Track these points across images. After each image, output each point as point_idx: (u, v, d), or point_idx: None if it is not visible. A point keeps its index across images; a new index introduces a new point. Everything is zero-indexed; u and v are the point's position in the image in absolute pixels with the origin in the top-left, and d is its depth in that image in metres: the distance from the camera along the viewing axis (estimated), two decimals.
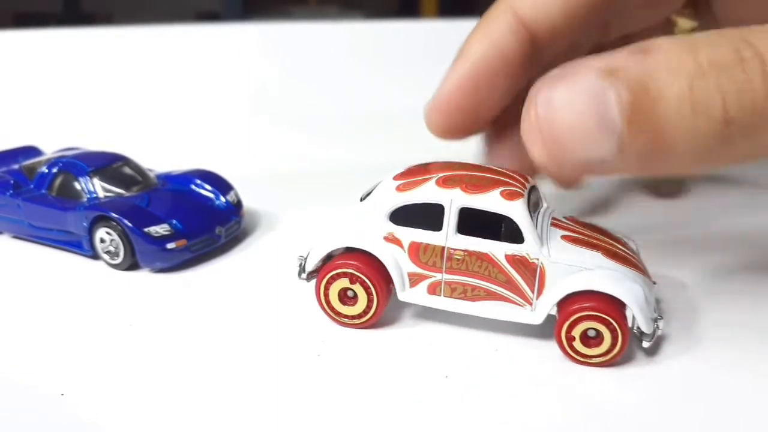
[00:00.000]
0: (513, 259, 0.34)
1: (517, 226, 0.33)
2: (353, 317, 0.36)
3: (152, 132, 0.74)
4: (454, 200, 0.34)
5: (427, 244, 0.35)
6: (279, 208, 0.53)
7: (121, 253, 0.42)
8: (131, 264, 0.43)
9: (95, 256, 0.44)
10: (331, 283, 0.36)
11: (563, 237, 0.35)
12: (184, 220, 0.44)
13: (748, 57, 0.27)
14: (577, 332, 0.33)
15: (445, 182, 0.34)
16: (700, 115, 0.27)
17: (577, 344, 0.33)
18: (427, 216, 0.35)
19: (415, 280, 0.36)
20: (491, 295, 0.35)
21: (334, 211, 0.37)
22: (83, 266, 0.44)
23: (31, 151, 0.54)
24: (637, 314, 0.32)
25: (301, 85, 0.88)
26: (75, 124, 0.74)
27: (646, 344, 0.33)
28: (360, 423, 0.29)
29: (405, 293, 0.36)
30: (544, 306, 0.34)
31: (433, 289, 0.35)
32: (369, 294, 0.36)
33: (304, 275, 0.38)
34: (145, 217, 0.43)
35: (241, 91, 0.87)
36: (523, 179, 0.36)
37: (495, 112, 0.39)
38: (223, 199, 0.47)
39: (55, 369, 0.33)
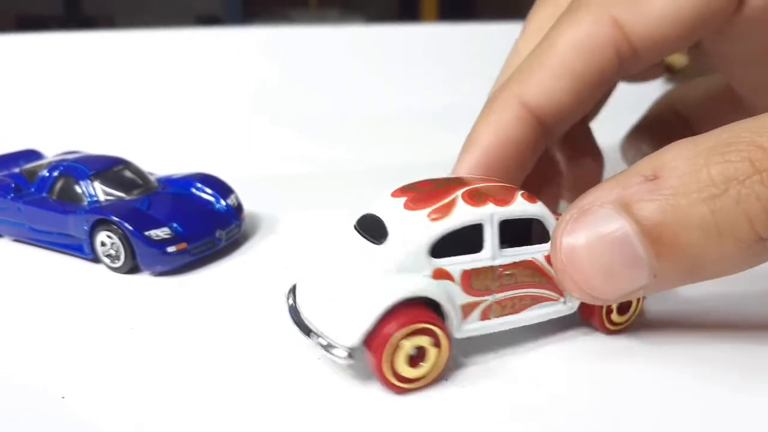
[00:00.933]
0: (548, 258, 0.33)
1: (544, 225, 0.33)
2: (420, 379, 0.31)
3: (153, 135, 0.75)
4: (493, 215, 0.32)
5: (479, 269, 0.32)
6: (279, 211, 0.53)
7: (122, 257, 0.42)
8: (132, 267, 0.43)
9: (96, 259, 0.44)
10: (399, 348, 0.30)
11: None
12: (185, 223, 0.44)
13: (766, 168, 0.26)
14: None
15: (471, 198, 0.32)
16: (727, 239, 0.27)
17: (614, 315, 0.34)
18: (464, 239, 0.32)
19: (467, 311, 0.32)
20: (535, 300, 0.33)
21: (334, 213, 0.36)
22: (84, 269, 0.44)
23: (32, 155, 0.54)
24: None
25: (301, 88, 0.89)
26: (76, 128, 0.74)
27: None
28: (360, 424, 0.29)
29: (461, 330, 0.32)
30: None
31: (486, 314, 0.33)
32: (438, 346, 0.31)
33: (342, 355, 0.30)
34: (146, 221, 0.43)
35: (242, 95, 0.87)
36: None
37: None
38: (223, 202, 0.47)
39: (55, 372, 0.33)
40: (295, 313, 0.33)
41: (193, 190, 0.48)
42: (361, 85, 0.88)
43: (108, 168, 0.47)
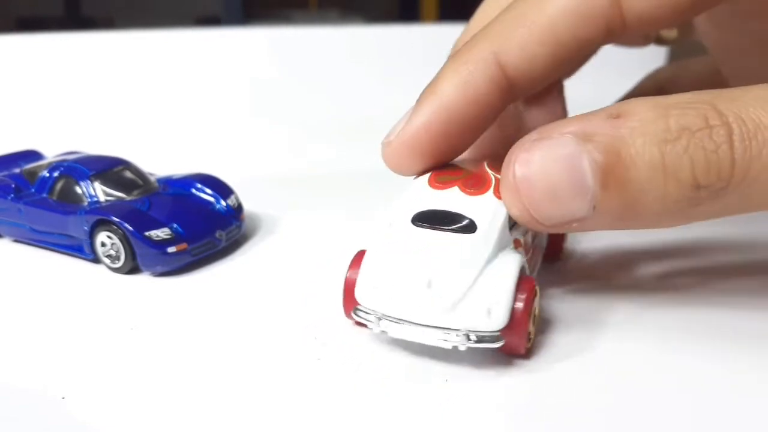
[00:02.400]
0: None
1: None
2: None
3: (153, 136, 0.75)
4: None
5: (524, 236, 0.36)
6: (280, 212, 0.53)
7: (122, 257, 0.42)
8: (132, 268, 0.43)
9: (96, 259, 0.44)
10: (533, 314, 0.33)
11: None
12: (185, 224, 0.44)
13: (716, 125, 0.28)
14: None
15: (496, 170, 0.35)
16: (671, 180, 0.29)
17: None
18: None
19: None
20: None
21: (334, 213, 0.36)
22: (84, 270, 0.44)
23: (32, 155, 0.54)
24: None
25: (301, 89, 0.89)
26: (76, 128, 0.74)
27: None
28: (360, 427, 0.29)
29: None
30: None
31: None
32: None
33: (498, 339, 0.31)
34: (146, 221, 0.43)
35: (242, 95, 0.87)
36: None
37: (459, 154, 0.37)
38: (223, 203, 0.48)
39: (55, 372, 0.33)
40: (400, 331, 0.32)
41: (193, 191, 0.48)
42: (362, 86, 0.88)
43: (108, 168, 0.47)
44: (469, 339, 0.31)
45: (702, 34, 0.44)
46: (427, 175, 0.36)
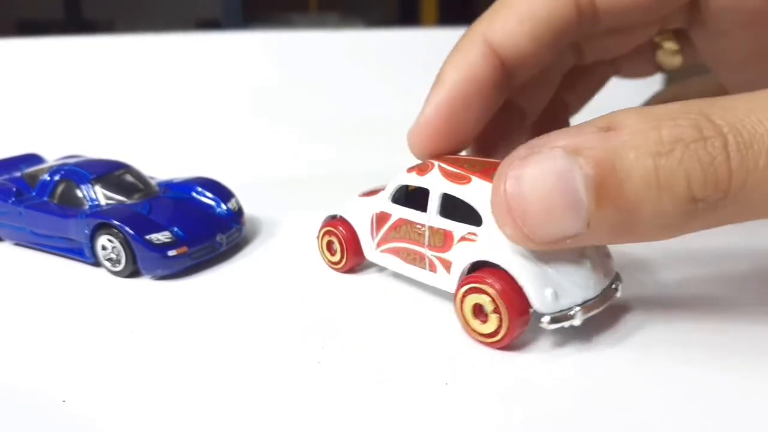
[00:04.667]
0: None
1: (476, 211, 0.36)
2: (334, 263, 0.44)
3: (154, 140, 0.75)
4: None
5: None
6: (280, 215, 0.53)
7: (123, 261, 0.42)
8: (132, 271, 0.43)
9: (97, 263, 0.44)
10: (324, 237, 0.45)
11: None
12: (186, 227, 0.44)
13: (711, 136, 0.28)
14: (467, 305, 0.34)
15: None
16: (666, 194, 0.28)
17: (476, 323, 0.34)
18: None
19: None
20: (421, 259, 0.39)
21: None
22: (85, 273, 0.44)
23: (33, 159, 0.54)
24: (523, 284, 0.33)
25: (301, 92, 0.89)
26: (77, 132, 0.74)
27: (544, 324, 0.33)
28: (360, 429, 0.29)
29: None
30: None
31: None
32: (342, 248, 0.43)
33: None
34: (147, 225, 0.43)
35: (242, 99, 0.87)
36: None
37: (474, 132, 0.41)
38: (224, 206, 0.48)
39: (56, 375, 0.33)
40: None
41: (194, 194, 0.48)
42: (362, 89, 0.88)
43: (109, 172, 0.47)
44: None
45: (700, 47, 0.45)
46: None
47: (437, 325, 0.37)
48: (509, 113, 0.45)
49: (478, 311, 0.34)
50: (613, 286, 0.35)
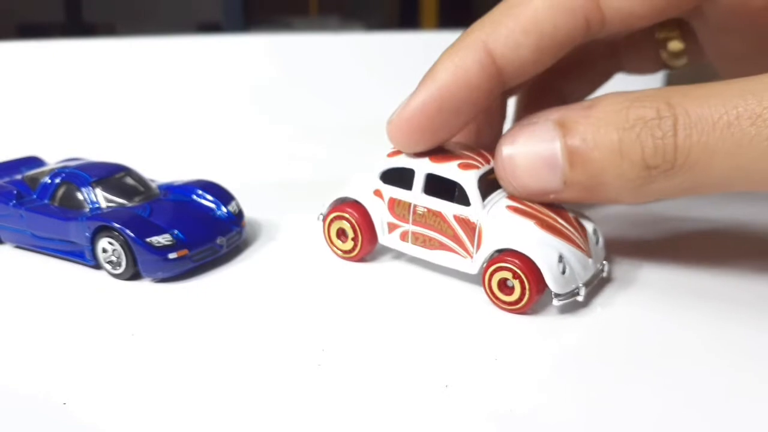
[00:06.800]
0: (458, 219, 0.41)
1: (465, 191, 0.40)
2: (345, 251, 0.45)
3: (154, 143, 0.75)
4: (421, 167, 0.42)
5: (400, 200, 0.43)
6: (280, 218, 0.53)
7: (123, 263, 0.42)
8: (133, 274, 0.43)
9: (97, 266, 0.44)
10: (332, 223, 0.46)
11: (508, 207, 0.40)
12: (186, 230, 0.44)
13: (666, 116, 0.33)
14: (495, 280, 0.39)
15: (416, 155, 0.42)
16: (625, 160, 0.34)
17: (495, 290, 0.39)
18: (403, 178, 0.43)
19: (391, 228, 0.44)
20: (442, 246, 0.42)
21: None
22: (85, 276, 0.44)
23: (34, 162, 0.54)
24: (543, 271, 0.37)
25: (302, 95, 0.89)
26: (77, 135, 0.74)
27: (555, 302, 0.38)
28: (361, 429, 0.29)
29: (384, 238, 0.44)
30: (479, 259, 0.40)
31: (404, 237, 0.43)
32: (356, 234, 0.44)
33: (321, 217, 0.46)
34: (147, 228, 0.43)
35: (243, 102, 0.87)
36: (485, 160, 0.42)
37: (456, 133, 0.42)
38: (224, 209, 0.48)
39: (57, 378, 0.33)
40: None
41: (194, 197, 0.48)
42: (362, 92, 0.88)
43: (109, 175, 0.47)
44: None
45: (703, 41, 0.45)
46: None
47: (437, 327, 0.37)
48: (553, 98, 0.48)
49: (503, 285, 0.39)
50: (601, 267, 0.41)
